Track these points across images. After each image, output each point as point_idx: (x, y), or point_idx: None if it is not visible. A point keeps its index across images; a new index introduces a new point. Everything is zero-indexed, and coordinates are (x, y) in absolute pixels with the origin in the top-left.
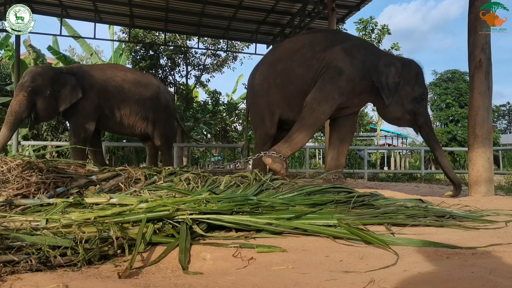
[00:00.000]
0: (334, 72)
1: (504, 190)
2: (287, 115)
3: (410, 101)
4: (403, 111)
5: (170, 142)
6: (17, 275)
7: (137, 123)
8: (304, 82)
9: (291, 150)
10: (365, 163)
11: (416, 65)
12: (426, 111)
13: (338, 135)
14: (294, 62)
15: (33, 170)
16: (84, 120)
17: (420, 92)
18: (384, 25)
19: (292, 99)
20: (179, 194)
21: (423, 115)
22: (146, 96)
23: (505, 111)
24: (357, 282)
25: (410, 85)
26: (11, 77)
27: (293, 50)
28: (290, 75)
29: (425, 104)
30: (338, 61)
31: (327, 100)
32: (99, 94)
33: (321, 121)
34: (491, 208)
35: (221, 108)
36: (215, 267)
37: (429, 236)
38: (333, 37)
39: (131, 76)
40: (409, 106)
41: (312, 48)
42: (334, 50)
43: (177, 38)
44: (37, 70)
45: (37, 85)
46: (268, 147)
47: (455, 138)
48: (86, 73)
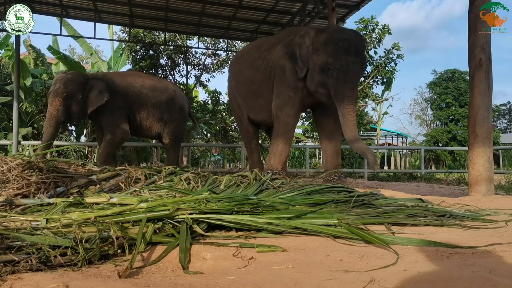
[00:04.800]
0: (279, 71)
1: (504, 189)
2: (250, 115)
3: (317, 72)
4: (315, 84)
5: (178, 142)
6: (17, 275)
7: (153, 125)
8: (253, 83)
9: (280, 162)
10: (365, 163)
11: (331, 31)
12: (336, 82)
13: (325, 135)
14: (242, 64)
15: (33, 170)
16: (117, 121)
17: (323, 60)
18: (385, 24)
19: (247, 100)
20: (179, 194)
21: (332, 87)
22: (162, 100)
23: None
24: (357, 281)
25: (317, 55)
26: (11, 77)
27: (242, 53)
28: (239, 77)
29: (336, 75)
30: (280, 59)
31: (285, 102)
32: (122, 99)
33: (290, 124)
34: (491, 207)
35: (221, 107)
36: (215, 267)
37: (429, 235)
38: (283, 34)
39: (148, 82)
40: (318, 78)
41: (258, 49)
42: (277, 49)
43: (177, 38)
44: (68, 77)
45: (70, 91)
46: (255, 144)
47: (455, 138)
48: (110, 79)
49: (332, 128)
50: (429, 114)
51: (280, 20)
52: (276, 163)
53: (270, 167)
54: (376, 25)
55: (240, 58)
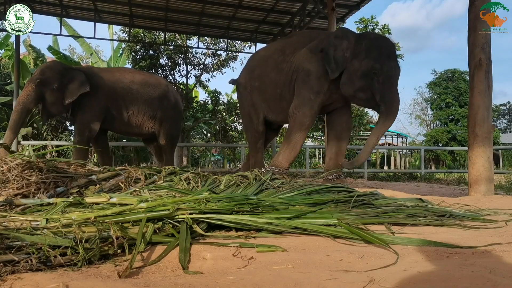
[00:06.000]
0: (303, 74)
1: (504, 189)
2: (269, 116)
3: (359, 77)
4: (354, 89)
5: (174, 142)
6: (17, 275)
7: (144, 122)
8: (278, 86)
9: (287, 161)
10: (365, 163)
11: (372, 38)
12: (383, 87)
13: (335, 134)
14: (268, 67)
15: (33, 169)
16: (90, 119)
17: (369, 66)
18: (385, 24)
19: (270, 102)
20: (179, 194)
21: (379, 92)
22: (154, 96)
23: (505, 111)
24: (357, 281)
25: (358, 60)
26: (11, 77)
27: (267, 56)
28: (265, 79)
29: (382, 80)
30: (304, 63)
31: (305, 103)
32: (106, 95)
33: (305, 124)
34: (491, 207)
35: (221, 107)
36: (215, 267)
37: (429, 235)
38: (305, 39)
39: (139, 77)
40: (359, 83)
41: (283, 53)
42: (301, 53)
43: (177, 38)
44: (47, 64)
45: (45, 78)
46: (261, 144)
47: (455, 138)
48: (95, 74)
49: (343, 128)
50: (429, 114)
51: (280, 20)
52: (284, 161)
53: (277, 163)
54: (376, 25)
55: (266, 61)
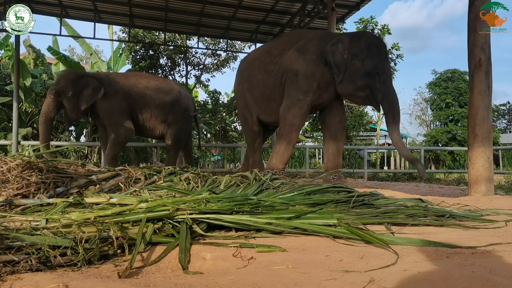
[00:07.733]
0: (292, 75)
1: (504, 189)
2: (262, 116)
3: (361, 76)
4: (354, 87)
5: (179, 143)
6: (17, 275)
7: (156, 126)
8: (266, 87)
9: (281, 162)
10: (365, 163)
11: (369, 37)
12: (384, 86)
13: (330, 135)
14: (255, 68)
15: (33, 170)
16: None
17: (372, 65)
18: (384, 25)
19: (260, 103)
20: (179, 194)
21: (381, 91)
22: (166, 101)
23: (505, 111)
24: (357, 281)
25: (359, 59)
26: (11, 77)
27: (255, 57)
28: (252, 81)
29: (383, 79)
30: (292, 63)
31: (294, 103)
32: (123, 98)
33: (295, 125)
34: (491, 207)
35: (221, 109)
36: (215, 267)
37: (429, 235)
38: (292, 39)
39: (153, 83)
40: (360, 82)
41: (270, 54)
42: (288, 54)
43: (177, 38)
44: (61, 74)
45: (60, 87)
46: (258, 144)
47: (454, 138)
48: (112, 80)
49: (337, 128)
50: (429, 114)
51: (279, 20)
52: (278, 163)
53: (271, 166)
54: (375, 25)
55: (253, 63)
